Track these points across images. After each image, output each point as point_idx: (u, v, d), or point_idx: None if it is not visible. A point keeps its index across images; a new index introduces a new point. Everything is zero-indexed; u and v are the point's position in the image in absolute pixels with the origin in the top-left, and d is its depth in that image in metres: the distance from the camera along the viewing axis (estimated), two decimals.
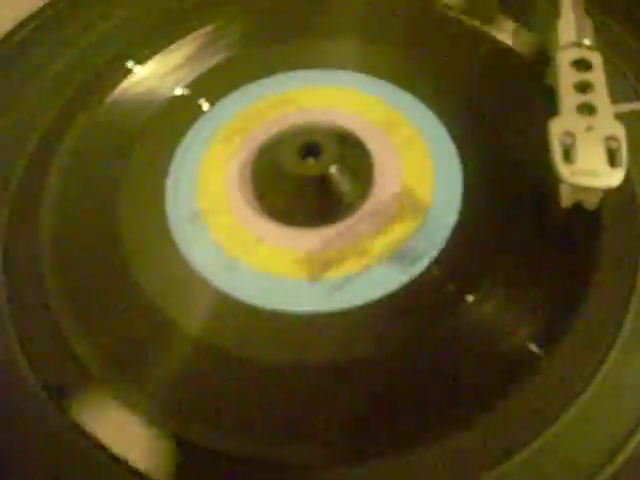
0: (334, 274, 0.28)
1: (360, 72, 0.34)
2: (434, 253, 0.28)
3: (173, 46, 0.35)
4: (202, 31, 0.36)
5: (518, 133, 0.31)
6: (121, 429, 0.25)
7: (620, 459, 0.24)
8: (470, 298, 0.27)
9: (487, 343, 0.26)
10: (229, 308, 0.28)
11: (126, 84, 0.34)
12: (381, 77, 0.33)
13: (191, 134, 0.32)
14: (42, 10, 0.38)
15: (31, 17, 0.37)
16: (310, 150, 0.30)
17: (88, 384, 0.26)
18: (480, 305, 0.27)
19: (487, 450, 0.24)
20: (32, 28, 0.37)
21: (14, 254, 0.30)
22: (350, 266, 0.28)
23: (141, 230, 0.30)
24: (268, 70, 0.34)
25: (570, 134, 0.27)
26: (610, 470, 0.24)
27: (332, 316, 0.27)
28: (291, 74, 0.34)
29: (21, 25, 0.37)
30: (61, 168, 0.32)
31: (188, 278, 0.28)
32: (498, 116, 0.32)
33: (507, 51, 0.34)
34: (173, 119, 0.33)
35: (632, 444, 0.24)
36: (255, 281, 0.28)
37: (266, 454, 0.25)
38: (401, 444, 0.25)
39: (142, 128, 0.33)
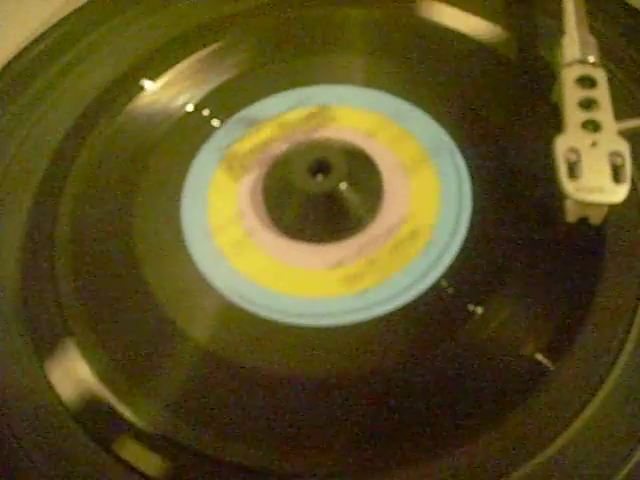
0: (343, 289, 0.28)
1: (368, 87, 0.34)
2: (443, 267, 0.28)
3: (185, 62, 0.36)
4: (214, 47, 0.36)
5: (525, 149, 0.31)
6: (130, 436, 0.26)
7: (628, 469, 0.24)
8: (478, 310, 0.27)
9: (495, 355, 0.27)
10: (239, 319, 0.28)
11: (138, 101, 0.35)
12: (388, 91, 0.33)
13: (204, 150, 0.33)
14: (57, 26, 0.38)
15: (45, 33, 0.38)
16: (320, 167, 0.30)
17: (99, 392, 0.27)
18: (488, 317, 0.27)
19: (495, 463, 0.25)
20: (45, 45, 0.37)
21: (30, 262, 0.30)
22: (358, 282, 0.29)
23: (156, 245, 0.30)
24: (281, 86, 0.34)
25: (575, 150, 0.28)
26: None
27: (340, 330, 0.27)
28: (304, 90, 0.34)
29: (35, 42, 0.37)
30: (75, 184, 0.32)
31: (201, 290, 0.29)
32: (506, 131, 0.32)
33: (514, 68, 0.34)
34: (186, 135, 0.33)
35: None
36: (265, 294, 0.29)
37: (272, 465, 0.25)
38: (407, 458, 0.25)
39: (155, 144, 0.33)
